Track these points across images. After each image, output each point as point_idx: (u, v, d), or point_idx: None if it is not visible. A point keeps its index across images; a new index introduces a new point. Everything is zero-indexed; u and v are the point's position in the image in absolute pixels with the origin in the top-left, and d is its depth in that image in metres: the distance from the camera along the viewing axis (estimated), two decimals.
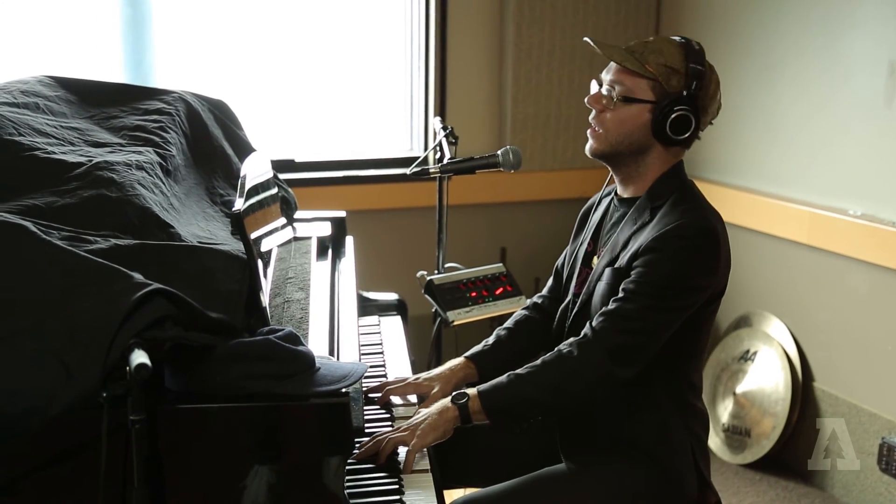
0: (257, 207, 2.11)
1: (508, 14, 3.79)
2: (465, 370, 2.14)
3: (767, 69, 3.49)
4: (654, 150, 1.97)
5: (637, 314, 1.88)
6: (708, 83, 1.94)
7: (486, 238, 3.97)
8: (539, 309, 2.28)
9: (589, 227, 2.17)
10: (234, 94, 3.49)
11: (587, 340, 1.89)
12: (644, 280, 1.89)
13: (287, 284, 2.17)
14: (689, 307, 1.91)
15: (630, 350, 1.88)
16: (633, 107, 1.94)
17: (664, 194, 1.98)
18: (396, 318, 2.71)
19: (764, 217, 3.51)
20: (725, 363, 3.65)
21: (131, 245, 1.64)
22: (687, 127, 1.92)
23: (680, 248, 1.88)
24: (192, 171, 2.26)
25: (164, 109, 2.32)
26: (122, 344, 1.35)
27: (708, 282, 1.92)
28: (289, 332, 1.61)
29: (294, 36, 3.69)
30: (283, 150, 3.71)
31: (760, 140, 3.57)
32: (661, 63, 1.91)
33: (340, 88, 3.81)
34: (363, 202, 3.69)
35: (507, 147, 2.25)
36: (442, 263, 2.73)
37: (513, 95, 3.85)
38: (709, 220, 1.94)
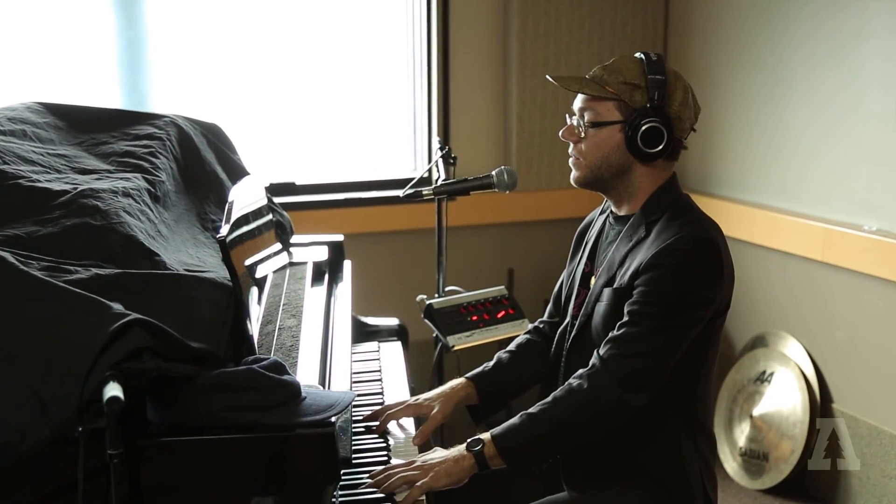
0: (249, 234, 2.12)
1: (512, 30, 3.80)
2: (466, 390, 2.14)
3: (779, 83, 3.48)
4: (636, 169, 1.98)
5: (644, 337, 1.87)
6: (673, 90, 1.94)
7: (493, 260, 3.97)
8: (540, 333, 2.28)
9: (585, 248, 2.17)
10: (233, 117, 3.53)
11: (596, 371, 1.88)
12: (648, 300, 1.88)
13: (279, 311, 2.18)
14: (696, 323, 1.90)
15: (641, 375, 1.87)
16: (603, 131, 1.96)
17: (659, 209, 1.98)
18: (396, 343, 2.70)
19: (777, 234, 3.49)
20: (741, 385, 3.61)
21: (113, 274, 1.65)
22: (659, 138, 1.92)
23: (681, 262, 1.88)
24: (182, 196, 2.27)
25: (155, 134, 2.34)
26: (98, 377, 1.36)
27: (713, 294, 1.92)
28: (273, 360, 1.62)
29: (293, 55, 3.71)
30: (283, 172, 3.72)
31: (773, 155, 3.55)
32: (620, 81, 1.94)
33: (341, 109, 3.83)
34: (364, 225, 3.70)
35: (501, 167, 2.25)
36: (442, 287, 2.73)
37: (518, 113, 3.85)
38: (707, 232, 1.94)
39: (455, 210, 2.87)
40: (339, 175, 3.84)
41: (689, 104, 1.96)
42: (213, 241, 2.21)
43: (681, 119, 1.95)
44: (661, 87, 1.92)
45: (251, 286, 2.01)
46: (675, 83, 1.95)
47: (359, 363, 2.53)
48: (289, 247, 2.61)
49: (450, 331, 2.54)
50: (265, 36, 3.67)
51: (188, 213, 2.25)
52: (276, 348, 1.94)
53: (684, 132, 1.98)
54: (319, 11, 3.73)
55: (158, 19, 3.50)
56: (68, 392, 1.37)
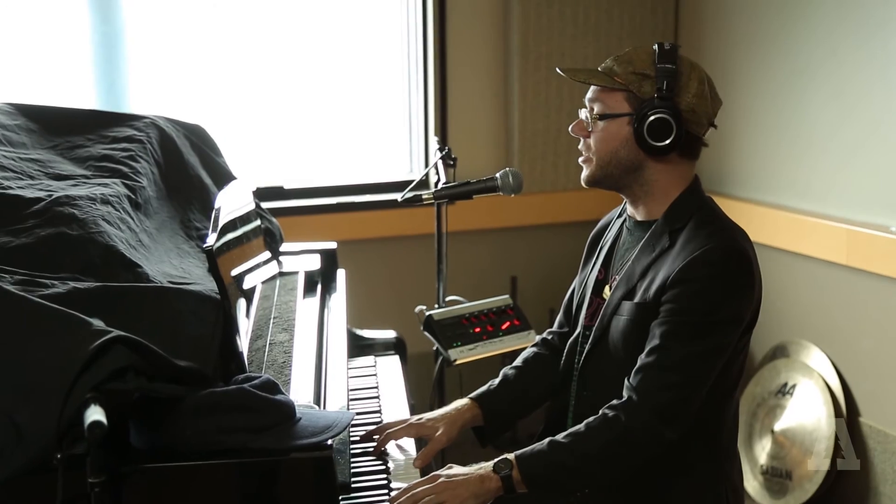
0: (236, 242, 2.11)
1: (513, 22, 3.80)
2: (472, 411, 2.13)
3: (795, 73, 3.48)
4: (649, 165, 1.97)
5: (678, 364, 1.86)
6: (686, 81, 1.93)
7: (495, 267, 3.96)
8: (549, 345, 2.26)
9: (599, 253, 2.15)
10: (217, 117, 3.53)
11: (633, 403, 1.87)
12: (677, 319, 1.87)
13: (270, 325, 2.16)
14: (729, 343, 1.90)
15: (678, 406, 1.86)
16: (612, 123, 1.96)
17: (683, 216, 1.97)
18: (394, 357, 2.70)
19: (797, 236, 3.48)
20: (761, 398, 3.60)
21: (92, 288, 1.64)
22: (667, 130, 1.91)
23: (711, 275, 1.87)
24: (165, 203, 2.27)
25: (135, 137, 2.33)
26: (78, 399, 1.34)
27: (745, 310, 1.91)
28: (266, 379, 1.61)
29: (280, 50, 3.70)
30: (271, 176, 3.71)
31: (790, 151, 3.55)
32: (630, 72, 1.93)
33: (331, 107, 3.81)
34: (357, 231, 3.68)
35: (506, 169, 2.24)
36: (443, 297, 2.72)
37: (520, 110, 3.84)
38: (737, 242, 1.92)
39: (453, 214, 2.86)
40: (330, 178, 3.83)
41: (705, 96, 1.94)
42: (197, 250, 2.20)
43: (695, 112, 1.93)
44: (672, 76, 1.91)
45: (239, 298, 1.99)
46: (690, 73, 1.94)
47: (354, 379, 2.52)
48: (279, 256, 2.60)
49: (451, 344, 2.53)
50: (250, 30, 3.66)
51: (171, 221, 2.24)
52: (267, 365, 1.93)
53: (700, 127, 1.97)
54: (308, 3, 3.72)
55: (136, 13, 3.48)
56: (45, 416, 1.35)
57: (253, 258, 2.28)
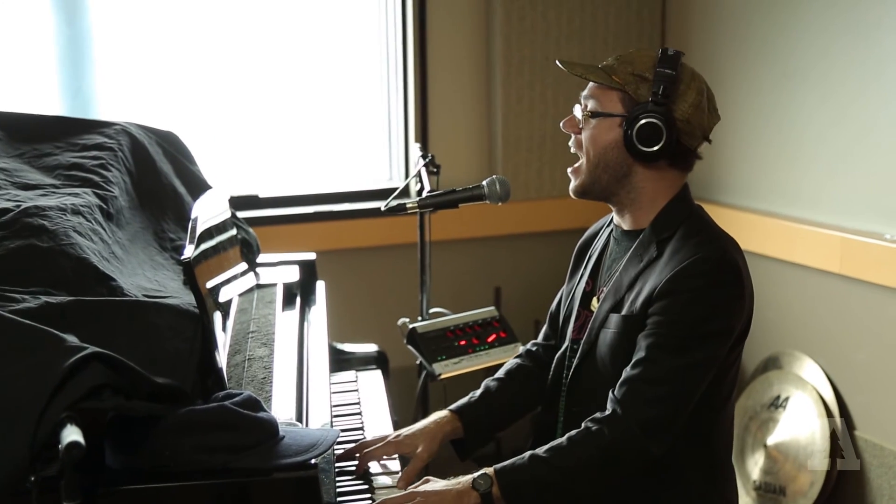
0: (212, 253, 2.10)
1: (495, 26, 3.80)
2: (452, 424, 2.13)
3: (786, 76, 3.50)
4: (638, 173, 1.97)
5: (664, 377, 1.86)
6: (685, 89, 1.94)
7: (478, 277, 3.95)
8: (533, 357, 2.27)
9: (587, 264, 2.16)
10: (188, 124, 3.51)
11: (617, 416, 1.87)
12: (664, 332, 1.87)
13: (248, 340, 2.16)
14: (717, 356, 1.90)
15: (663, 420, 1.87)
16: (603, 122, 1.96)
17: (671, 225, 1.97)
18: (376, 372, 2.69)
19: (789, 244, 3.50)
20: (753, 411, 3.62)
21: (65, 302, 1.63)
22: (657, 136, 1.91)
23: (700, 287, 1.87)
24: (137, 213, 2.26)
25: (105, 144, 2.32)
26: (52, 419, 1.33)
27: (734, 322, 1.91)
28: (248, 396, 1.60)
29: (255, 54, 3.69)
30: (244, 184, 3.69)
31: (781, 156, 3.57)
32: (629, 72, 1.94)
33: (308, 112, 3.80)
34: (336, 241, 3.67)
35: (493, 177, 2.25)
36: (426, 309, 2.72)
37: (503, 116, 3.85)
38: (727, 252, 1.93)
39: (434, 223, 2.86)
40: (306, 186, 3.82)
41: (702, 108, 1.95)
42: (172, 262, 2.19)
43: (689, 122, 1.94)
44: (670, 82, 1.91)
45: (215, 311, 1.98)
46: (690, 82, 1.95)
47: (336, 395, 2.51)
48: (256, 267, 2.60)
49: (436, 357, 2.55)
50: (223, 33, 3.65)
51: (144, 232, 2.24)
52: (246, 381, 1.92)
53: (693, 139, 1.97)
54: (283, 5, 3.72)
55: (103, 14, 3.45)
56: (18, 437, 1.34)
57: (229, 269, 2.27)
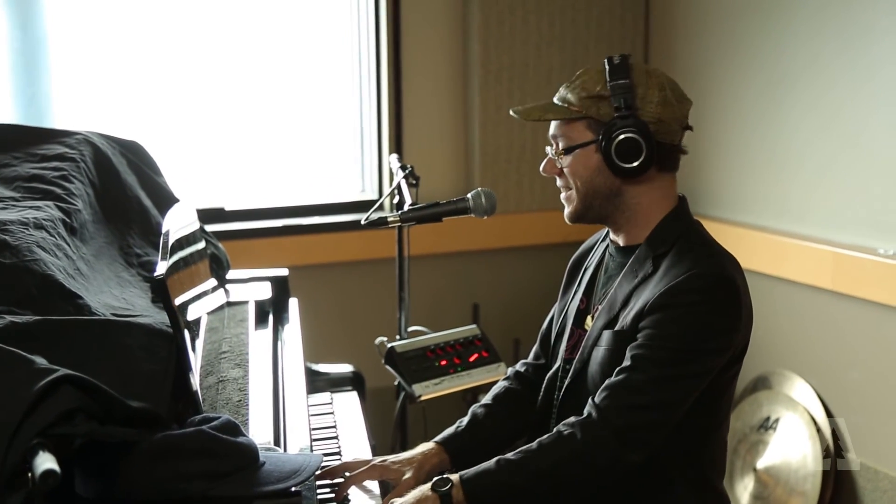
0: (181, 267, 2.09)
1: (473, 31, 3.83)
2: (439, 456, 2.12)
3: (779, 86, 3.53)
4: (629, 190, 2.00)
5: (648, 386, 1.88)
6: (644, 91, 1.96)
7: (455, 294, 3.96)
8: (522, 379, 2.27)
9: (581, 280, 2.17)
10: (150, 132, 3.50)
11: (591, 420, 1.89)
12: (654, 344, 1.89)
13: (221, 360, 2.15)
14: (707, 373, 1.91)
15: (642, 429, 1.88)
16: (579, 154, 2.00)
17: (667, 240, 1.99)
18: (352, 394, 2.70)
19: (779, 259, 3.52)
20: (742, 433, 3.64)
21: (31, 322, 1.62)
22: (636, 148, 1.94)
23: (694, 303, 1.89)
24: (102, 227, 2.25)
25: (67, 154, 2.31)
26: (22, 445, 1.32)
27: (729, 341, 1.93)
28: (226, 420, 1.60)
29: (221, 60, 3.69)
30: (210, 197, 3.69)
31: (770, 167, 3.60)
32: (584, 97, 1.97)
33: (277, 122, 3.80)
34: (308, 256, 3.67)
35: (478, 189, 2.26)
36: (405, 327, 2.72)
37: (481, 124, 3.86)
38: (725, 268, 1.95)
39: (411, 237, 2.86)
40: (275, 198, 3.81)
41: (669, 102, 1.97)
42: (139, 279, 2.19)
43: (662, 121, 1.96)
44: (627, 91, 1.94)
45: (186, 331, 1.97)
46: (648, 82, 1.97)
47: (311, 417, 2.50)
48: (226, 283, 2.59)
49: (415, 378, 2.54)
50: (186, 37, 3.64)
51: (109, 247, 2.23)
52: (221, 404, 1.92)
53: (672, 135, 1.99)
54: (250, 9, 3.72)
55: (59, 18, 3.44)
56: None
57: (198, 286, 2.26)
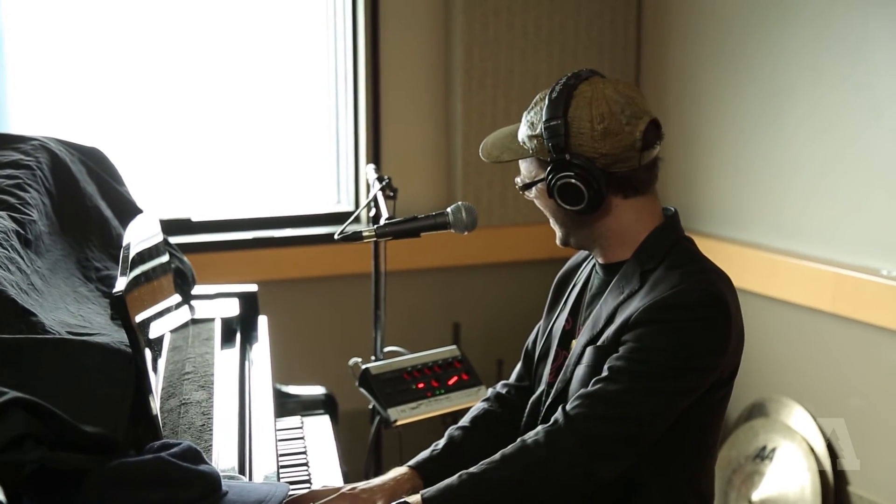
0: (143, 281, 2.08)
1: (455, 35, 3.84)
2: (412, 482, 2.10)
3: (775, 96, 3.55)
4: (598, 221, 1.99)
5: (622, 397, 1.87)
6: (580, 125, 1.91)
7: (435, 312, 3.96)
8: (503, 401, 2.26)
9: (567, 299, 2.17)
10: (112, 139, 3.49)
11: (558, 428, 1.88)
12: (634, 356, 1.88)
13: (184, 382, 2.14)
14: (689, 392, 1.91)
15: (612, 442, 1.87)
16: (536, 190, 2.02)
17: (656, 256, 1.99)
18: (323, 417, 2.69)
19: (778, 280, 3.53)
20: (737, 463, 3.64)
21: None
22: (577, 191, 1.93)
23: (681, 319, 1.88)
24: (58, 239, 2.24)
25: (21, 161, 2.30)
26: None
27: (715, 361, 1.92)
28: (187, 446, 1.58)
29: (187, 62, 3.69)
30: (177, 207, 3.69)
31: (768, 183, 3.61)
32: (528, 135, 1.98)
33: (248, 128, 3.81)
34: (279, 270, 3.67)
35: (458, 203, 2.25)
36: (380, 347, 2.72)
37: (464, 133, 3.87)
38: (715, 285, 1.94)
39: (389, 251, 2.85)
40: (246, 210, 3.81)
41: (614, 131, 1.91)
42: (98, 294, 2.17)
43: (608, 154, 1.91)
44: (558, 133, 1.91)
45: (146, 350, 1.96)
46: (584, 113, 1.91)
47: (280, 442, 2.50)
48: (191, 299, 2.58)
49: (391, 402, 2.54)
50: (152, 38, 3.64)
51: (66, 260, 2.21)
52: (183, 429, 1.91)
53: (626, 161, 1.93)
54: (219, 8, 3.72)
55: (16, 17, 3.44)
56: None
57: (161, 302, 2.25)
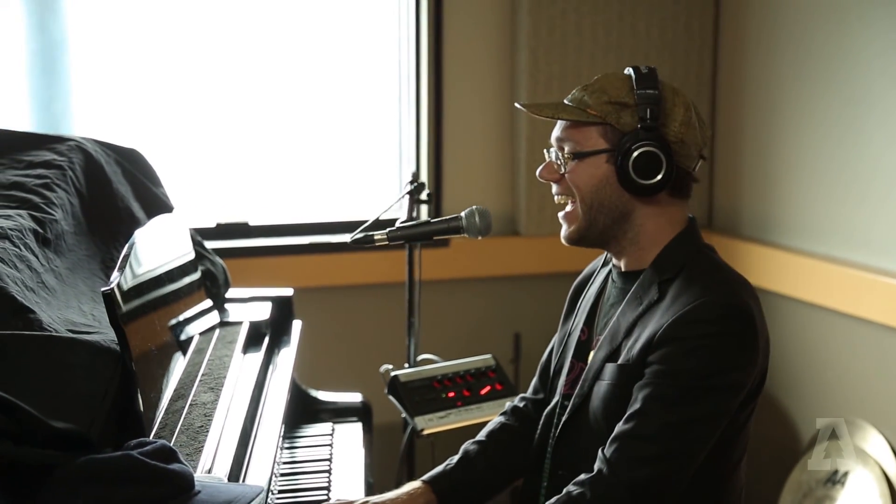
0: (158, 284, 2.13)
1: (521, 38, 3.83)
2: (425, 496, 2.12)
3: (853, 102, 3.47)
4: (638, 210, 1.98)
5: (660, 434, 1.86)
6: (671, 107, 1.95)
7: (497, 322, 3.96)
8: (519, 415, 2.26)
9: (582, 309, 2.17)
10: (174, 142, 3.57)
11: (601, 476, 1.88)
12: (663, 382, 1.87)
13: (197, 383, 2.18)
14: (724, 413, 1.89)
15: (656, 483, 1.86)
16: (587, 162, 1.98)
17: (674, 265, 1.97)
18: (357, 425, 2.72)
19: (853, 294, 3.44)
20: (808, 487, 3.56)
21: None
22: (656, 165, 1.92)
23: (707, 335, 1.87)
24: (84, 239, 2.30)
25: (54, 162, 2.37)
26: None
27: (745, 376, 1.90)
28: (160, 445, 1.60)
29: (251, 68, 3.75)
30: (235, 210, 3.76)
31: (846, 194, 3.53)
32: (604, 102, 1.95)
33: (310, 133, 3.85)
34: (326, 276, 3.71)
35: (472, 207, 2.26)
36: (414, 355, 2.73)
37: (528, 140, 3.86)
38: (739, 296, 1.92)
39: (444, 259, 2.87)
40: (304, 214, 3.86)
41: (692, 125, 1.97)
42: None
43: (684, 143, 1.95)
44: (655, 102, 1.93)
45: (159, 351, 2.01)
46: (674, 99, 1.97)
47: (304, 449, 2.54)
48: (223, 302, 2.63)
49: (419, 410, 2.55)
50: (217, 44, 3.71)
51: (90, 261, 2.27)
52: (181, 429, 1.94)
53: (690, 160, 1.98)
54: (282, 15, 3.77)
55: (80, 19, 3.52)
56: None
57: (185, 305, 2.30)
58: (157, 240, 2.20)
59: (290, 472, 2.42)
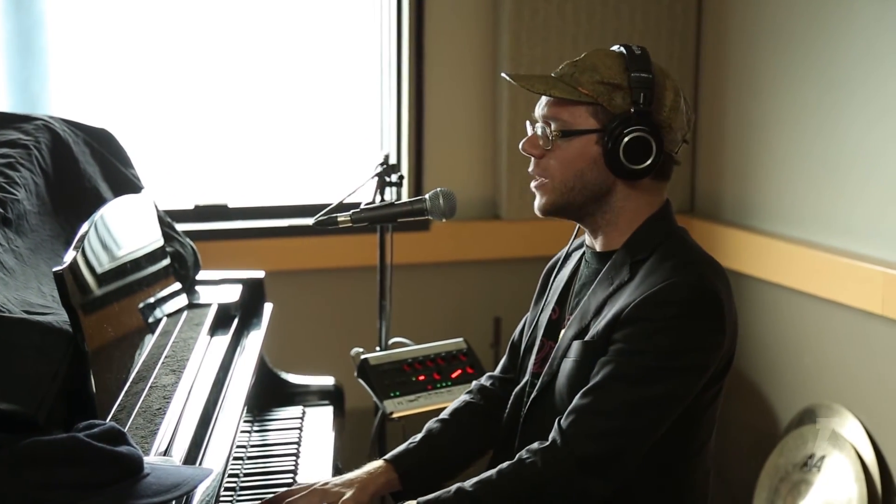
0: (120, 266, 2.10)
1: (503, 22, 3.81)
2: (387, 475, 2.11)
3: (834, 86, 3.46)
4: (618, 190, 1.97)
5: (617, 410, 1.85)
6: (662, 91, 1.94)
7: (478, 306, 3.94)
8: (485, 393, 2.25)
9: (554, 289, 2.16)
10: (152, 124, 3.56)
11: (554, 447, 1.87)
12: (625, 360, 1.87)
13: (159, 365, 2.15)
14: (684, 395, 1.89)
15: (610, 459, 1.86)
16: (575, 141, 1.95)
17: (647, 246, 1.97)
18: (328, 409, 2.70)
19: (831, 280, 3.44)
20: (785, 471, 3.55)
21: None
22: (646, 150, 1.91)
23: (672, 316, 1.86)
24: (49, 219, 2.27)
25: (20, 141, 2.34)
26: None
27: (709, 358, 1.90)
28: (109, 427, 1.58)
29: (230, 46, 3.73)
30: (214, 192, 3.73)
31: (825, 179, 3.52)
32: (596, 81, 1.92)
33: (290, 114, 3.84)
34: (304, 259, 3.69)
35: (437, 189, 2.23)
36: (385, 339, 2.71)
37: (509, 124, 3.84)
38: (707, 278, 1.92)
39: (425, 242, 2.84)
40: (283, 198, 3.84)
41: (680, 109, 1.96)
42: None
43: (671, 128, 1.95)
44: (648, 86, 1.92)
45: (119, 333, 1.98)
46: (664, 83, 1.95)
47: (273, 432, 2.52)
48: (193, 285, 2.60)
49: (388, 393, 2.54)
50: (195, 25, 3.69)
51: (53, 241, 2.25)
52: (139, 412, 1.91)
53: (675, 144, 1.98)
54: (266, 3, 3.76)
55: (58, 1, 3.50)
56: None
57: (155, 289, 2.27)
58: (121, 219, 2.16)
59: (259, 454, 2.40)
